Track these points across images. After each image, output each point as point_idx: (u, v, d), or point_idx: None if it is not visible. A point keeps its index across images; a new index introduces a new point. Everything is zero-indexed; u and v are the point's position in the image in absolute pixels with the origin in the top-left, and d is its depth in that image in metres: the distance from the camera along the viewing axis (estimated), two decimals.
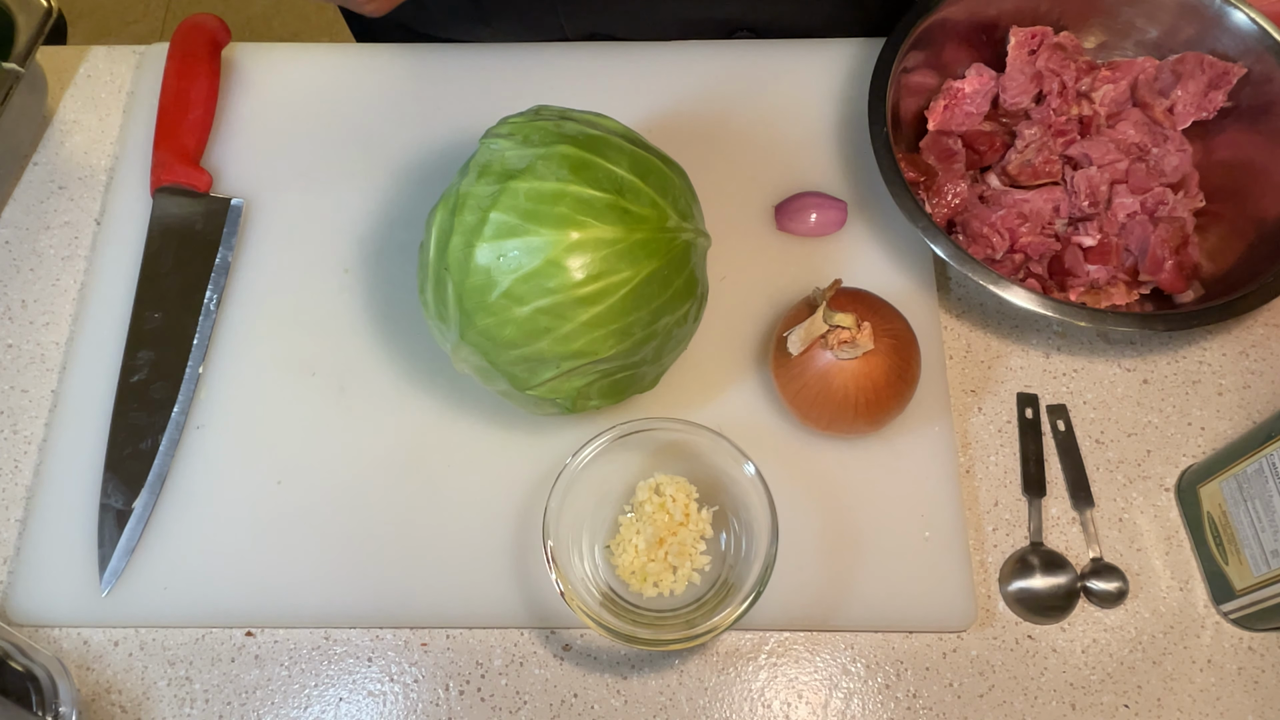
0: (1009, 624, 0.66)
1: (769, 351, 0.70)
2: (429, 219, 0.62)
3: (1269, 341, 0.74)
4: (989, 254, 0.73)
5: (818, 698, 0.64)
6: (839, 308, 0.64)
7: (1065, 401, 0.72)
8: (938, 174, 0.76)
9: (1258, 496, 0.62)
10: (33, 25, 0.78)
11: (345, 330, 0.73)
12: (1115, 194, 0.74)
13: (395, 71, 0.82)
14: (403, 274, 0.74)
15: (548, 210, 0.58)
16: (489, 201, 0.58)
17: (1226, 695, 0.64)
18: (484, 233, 0.58)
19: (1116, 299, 0.73)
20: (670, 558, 0.64)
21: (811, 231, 0.76)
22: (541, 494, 0.64)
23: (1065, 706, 0.64)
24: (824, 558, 0.66)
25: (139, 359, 0.71)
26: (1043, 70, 0.78)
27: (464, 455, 0.69)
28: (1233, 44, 0.76)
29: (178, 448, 0.69)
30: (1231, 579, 0.64)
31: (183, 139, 0.77)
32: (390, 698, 0.64)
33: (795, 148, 0.79)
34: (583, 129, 0.61)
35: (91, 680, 0.64)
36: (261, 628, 0.66)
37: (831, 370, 0.64)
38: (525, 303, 0.58)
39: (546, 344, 0.59)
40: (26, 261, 0.77)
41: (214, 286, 0.73)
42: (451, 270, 0.59)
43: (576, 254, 0.57)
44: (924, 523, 0.67)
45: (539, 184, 0.58)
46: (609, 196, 0.58)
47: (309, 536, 0.67)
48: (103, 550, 0.65)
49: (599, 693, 0.64)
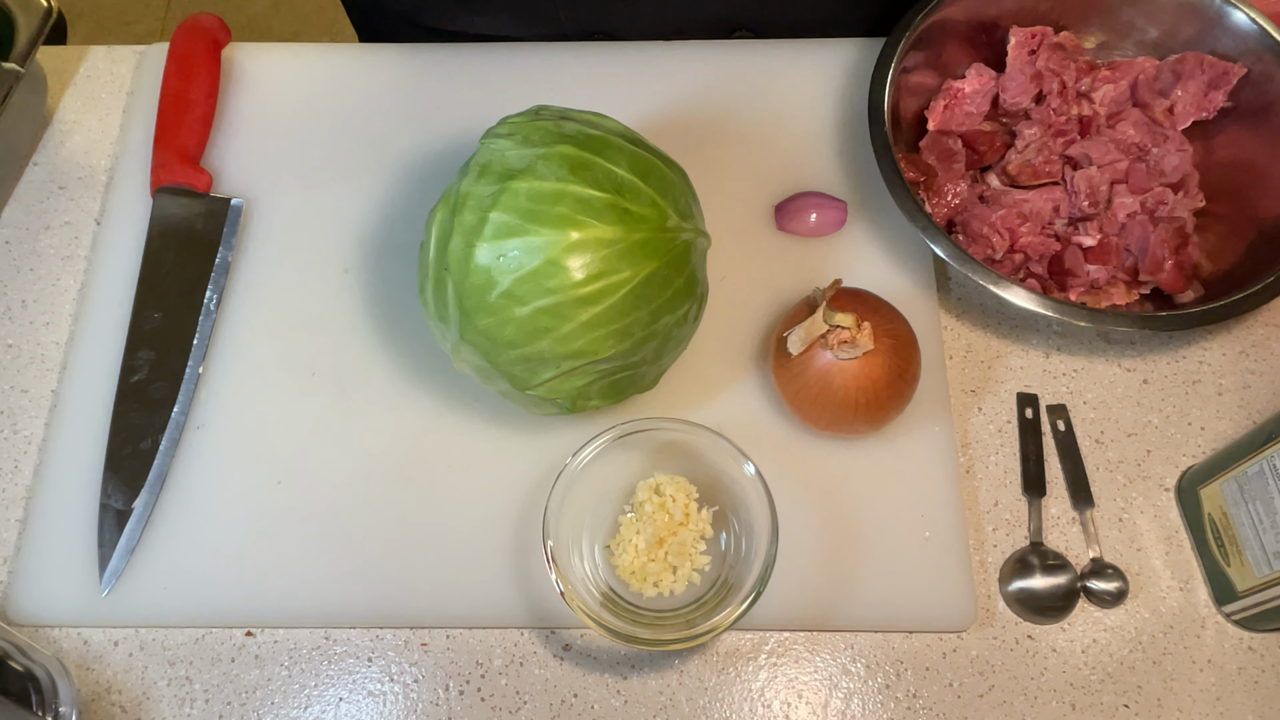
0: (1009, 624, 0.66)
1: (769, 351, 0.70)
2: (429, 219, 0.62)
3: (1269, 341, 0.74)
4: (989, 254, 0.73)
5: (818, 698, 0.64)
6: (839, 308, 0.64)
7: (1065, 401, 0.72)
8: (938, 174, 0.76)
9: (1259, 498, 0.62)
10: (33, 25, 0.78)
11: (345, 330, 0.73)
12: (1115, 194, 0.74)
13: (395, 71, 0.82)
14: (403, 274, 0.74)
15: (548, 210, 0.58)
16: (489, 201, 0.58)
17: (1227, 695, 0.64)
18: (484, 233, 0.58)
19: (1116, 299, 0.72)
20: (670, 558, 0.64)
21: (811, 231, 0.76)
22: (541, 494, 0.64)
23: (1065, 706, 0.64)
24: (824, 558, 0.66)
25: (139, 359, 0.71)
26: (1043, 70, 0.78)
27: (464, 455, 0.69)
28: (1233, 44, 0.76)
29: (178, 448, 0.69)
30: (1233, 580, 0.64)
31: (183, 139, 0.77)
32: (390, 698, 0.64)
33: (795, 148, 0.79)
34: (583, 129, 0.61)
35: (91, 680, 0.64)
36: (261, 628, 0.66)
37: (831, 370, 0.64)
38: (525, 303, 0.58)
39: (546, 344, 0.59)
40: (26, 261, 0.77)
41: (214, 286, 0.73)
42: (451, 270, 0.59)
43: (576, 254, 0.57)
44: (924, 523, 0.67)
45: (539, 184, 0.58)
46: (609, 196, 0.58)
47: (309, 536, 0.67)
48: (103, 550, 0.65)
49: (599, 693, 0.64)
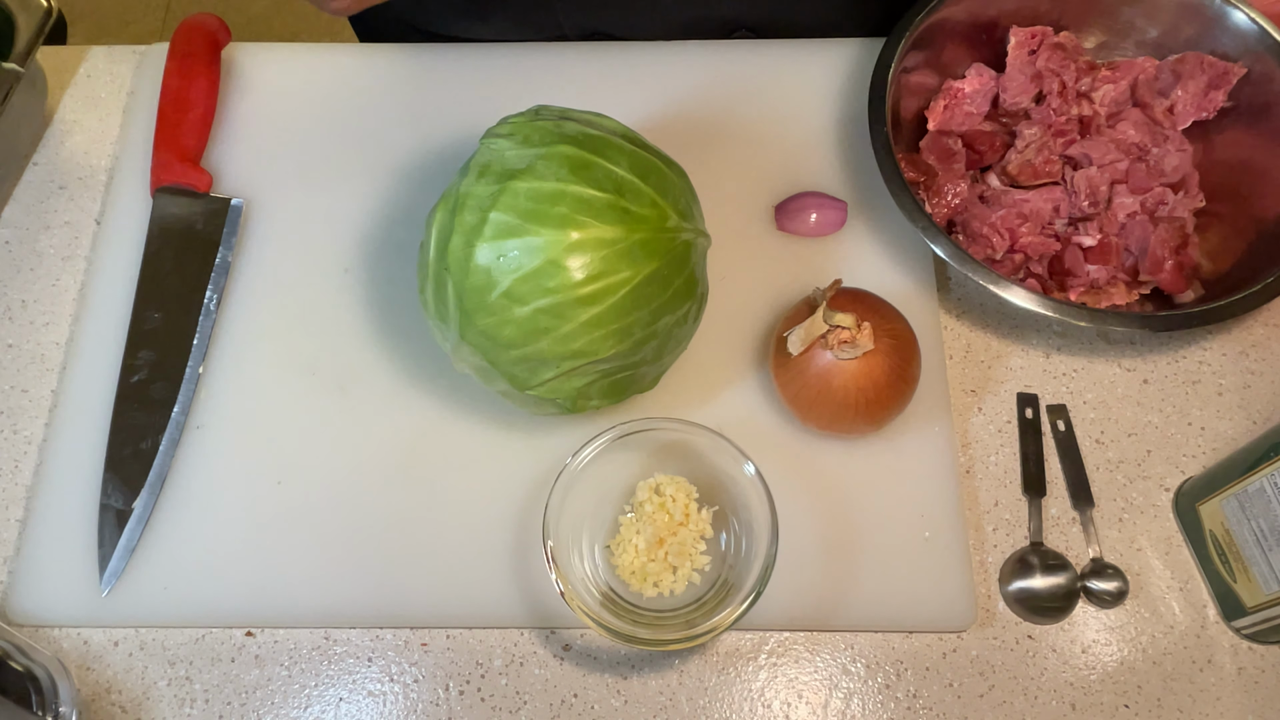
0: (1009, 624, 0.66)
1: (769, 351, 0.70)
2: (429, 218, 0.62)
3: (1269, 341, 0.74)
4: (989, 254, 0.73)
5: (818, 698, 0.64)
6: (839, 308, 0.64)
7: (1065, 401, 0.72)
8: (938, 174, 0.76)
9: (1262, 515, 0.61)
10: (33, 25, 0.78)
11: (345, 330, 0.73)
12: (1115, 194, 0.74)
13: (395, 71, 0.82)
14: (403, 274, 0.74)
15: (547, 210, 0.58)
16: (489, 201, 0.58)
17: (1226, 695, 0.64)
18: (484, 233, 0.58)
19: (1116, 299, 0.72)
20: (670, 558, 0.64)
21: (811, 231, 0.76)
22: (541, 494, 0.64)
23: (1065, 706, 0.64)
24: (824, 558, 0.66)
25: (139, 359, 0.71)
26: (1043, 70, 0.78)
27: (463, 455, 0.69)
28: (1233, 44, 0.76)
29: (178, 448, 0.69)
30: (1241, 596, 0.64)
31: (183, 139, 0.77)
32: (390, 698, 0.64)
33: (795, 148, 0.79)
34: (582, 129, 0.61)
35: (91, 680, 0.64)
36: (261, 628, 0.66)
37: (832, 370, 0.64)
38: (525, 303, 0.58)
39: (546, 344, 0.59)
40: (26, 261, 0.77)
41: (214, 286, 0.73)
42: (452, 270, 0.59)
43: (576, 254, 0.57)
44: (924, 523, 0.67)
45: (539, 184, 0.58)
46: (609, 196, 0.58)
47: (309, 536, 0.67)
48: (103, 550, 0.65)
49: (599, 693, 0.64)
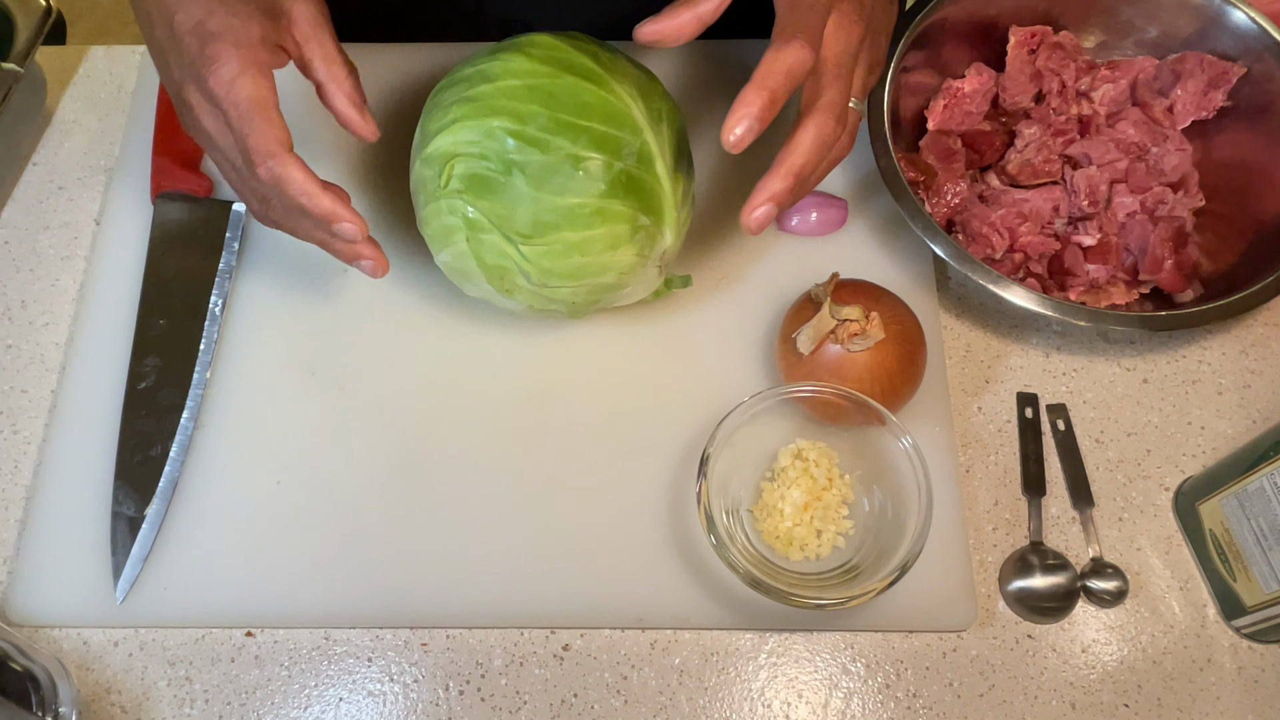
0: (1009, 624, 0.66)
1: (772, 352, 0.70)
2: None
3: (1269, 341, 0.74)
4: (989, 253, 0.73)
5: (818, 698, 0.64)
6: (842, 301, 0.64)
7: (1065, 401, 0.72)
8: (938, 174, 0.75)
9: (1261, 515, 0.61)
10: (32, 25, 0.78)
11: (345, 330, 0.73)
12: (1115, 193, 0.74)
13: (394, 70, 0.82)
14: (403, 273, 0.74)
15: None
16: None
17: (1226, 695, 0.64)
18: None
19: (1116, 299, 0.72)
20: (815, 521, 0.64)
21: (812, 231, 0.76)
22: (541, 494, 0.64)
23: (1065, 706, 0.64)
24: None
25: (146, 365, 0.70)
26: (1042, 70, 0.78)
27: (463, 455, 0.69)
28: (1233, 43, 0.76)
29: (186, 453, 0.68)
30: (1241, 596, 0.64)
31: (182, 144, 0.76)
32: (390, 698, 0.64)
33: None
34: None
35: (91, 680, 0.64)
36: (261, 628, 0.66)
37: (844, 364, 0.64)
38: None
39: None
40: (26, 261, 0.77)
41: (218, 291, 0.73)
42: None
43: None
44: None
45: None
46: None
47: (309, 536, 0.67)
48: (116, 559, 0.65)
49: (599, 693, 0.64)
